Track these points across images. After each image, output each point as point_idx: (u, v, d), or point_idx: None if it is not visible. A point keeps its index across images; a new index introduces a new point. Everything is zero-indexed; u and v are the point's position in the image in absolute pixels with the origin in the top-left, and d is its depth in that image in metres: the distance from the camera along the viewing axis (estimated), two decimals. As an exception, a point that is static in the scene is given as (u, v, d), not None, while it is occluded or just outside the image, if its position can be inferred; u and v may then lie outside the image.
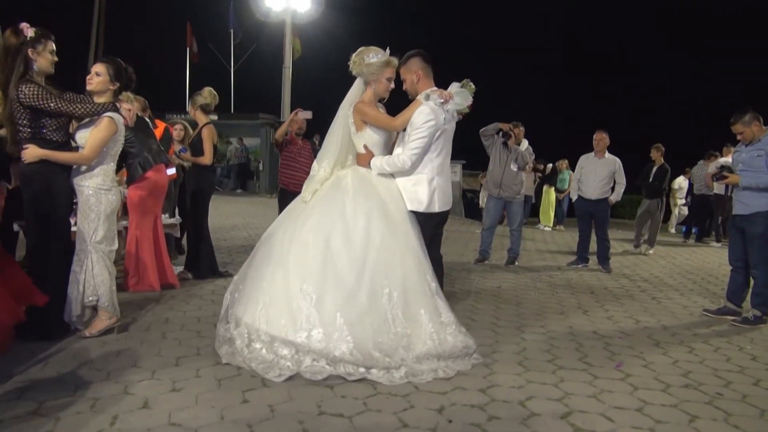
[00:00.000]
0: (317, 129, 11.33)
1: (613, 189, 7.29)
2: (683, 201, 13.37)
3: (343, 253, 3.21)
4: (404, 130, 3.54)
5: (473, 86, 3.57)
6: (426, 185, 3.53)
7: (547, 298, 5.39)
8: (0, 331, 2.88)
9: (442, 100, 3.47)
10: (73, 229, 3.75)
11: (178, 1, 28.96)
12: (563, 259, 7.99)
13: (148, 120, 5.28)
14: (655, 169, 9.22)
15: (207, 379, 3.01)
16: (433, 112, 3.46)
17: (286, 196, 5.86)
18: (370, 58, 3.47)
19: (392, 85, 3.61)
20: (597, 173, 7.23)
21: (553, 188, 13.14)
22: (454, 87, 3.57)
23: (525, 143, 7.37)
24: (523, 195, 7.51)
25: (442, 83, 3.64)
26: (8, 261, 3.28)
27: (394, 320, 3.13)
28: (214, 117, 17.86)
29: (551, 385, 3.10)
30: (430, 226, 3.62)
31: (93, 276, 3.56)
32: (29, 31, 3.32)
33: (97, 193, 3.58)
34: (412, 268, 3.27)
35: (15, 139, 3.40)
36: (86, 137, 3.51)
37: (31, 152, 3.36)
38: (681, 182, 13.38)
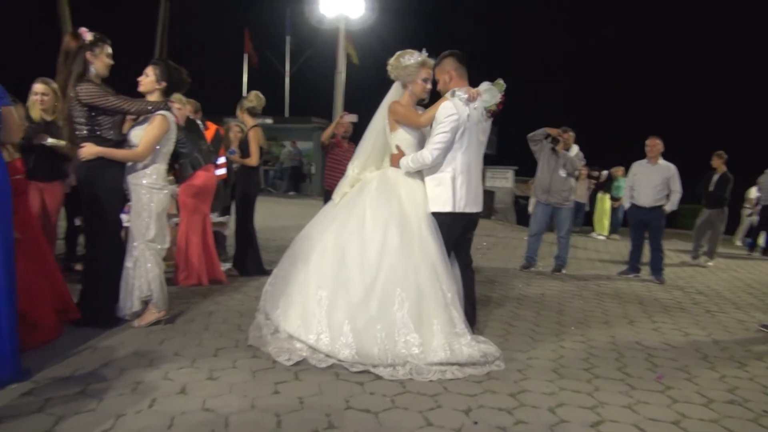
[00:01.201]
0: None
1: (668, 197, 7.02)
2: (751, 211, 12.62)
3: (357, 261, 3.28)
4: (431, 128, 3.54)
5: (503, 83, 3.53)
6: (449, 185, 3.50)
7: (592, 307, 5.24)
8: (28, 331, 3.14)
9: (466, 96, 3.46)
10: (125, 224, 3.95)
11: (236, 10, 30.06)
12: (614, 268, 7.73)
13: (199, 122, 5.51)
14: (716, 177, 8.81)
15: (242, 369, 3.13)
16: (455, 107, 3.44)
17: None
18: (406, 60, 3.51)
19: (429, 86, 3.62)
20: (650, 180, 6.98)
21: (607, 196, 12.73)
22: (484, 85, 3.54)
23: (575, 149, 7.20)
24: (572, 201, 7.32)
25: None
26: (57, 276, 3.59)
27: (404, 328, 3.15)
28: (269, 121, 18.39)
29: (585, 394, 3.03)
30: (455, 228, 3.58)
31: (146, 272, 3.73)
32: (88, 36, 3.55)
33: (150, 192, 3.73)
34: (426, 279, 3.27)
35: (72, 138, 3.63)
36: (140, 135, 3.70)
37: (88, 150, 3.57)
38: (755, 192, 12.66)
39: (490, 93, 3.50)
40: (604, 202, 12.74)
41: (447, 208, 3.51)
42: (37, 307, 3.26)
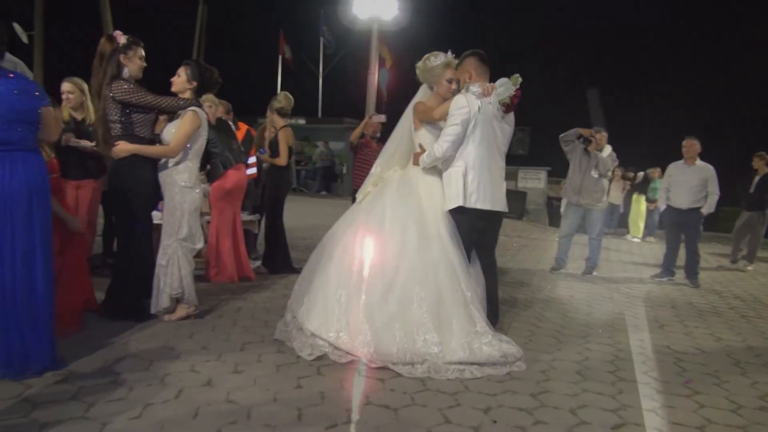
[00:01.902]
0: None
1: (706, 199, 6.83)
2: None
3: (376, 261, 3.31)
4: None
5: (518, 77, 3.51)
6: (460, 180, 3.49)
7: (621, 310, 5.15)
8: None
9: (480, 91, 3.45)
10: (156, 222, 4.06)
11: (271, 11, 30.57)
12: (648, 271, 7.57)
13: (230, 123, 5.63)
14: (757, 178, 8.53)
15: (267, 364, 3.20)
16: (466, 100, 3.45)
17: (360, 197, 6.01)
18: (432, 62, 3.54)
19: (454, 87, 3.63)
20: (687, 182, 6.81)
21: (643, 197, 12.43)
22: (501, 81, 3.54)
23: (608, 149, 7.07)
24: (605, 203, 7.20)
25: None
26: (83, 268, 3.79)
27: (423, 327, 3.16)
28: (302, 121, 18.57)
29: (608, 396, 3.00)
30: (472, 226, 3.55)
31: (179, 269, 3.82)
32: (122, 39, 3.69)
33: (182, 191, 3.81)
34: (445, 278, 3.28)
35: (107, 138, 3.77)
36: (172, 132, 3.81)
37: (122, 147, 3.69)
38: None
39: (505, 86, 3.50)
40: (640, 204, 12.45)
41: (457, 203, 3.50)
42: (64, 301, 3.39)
